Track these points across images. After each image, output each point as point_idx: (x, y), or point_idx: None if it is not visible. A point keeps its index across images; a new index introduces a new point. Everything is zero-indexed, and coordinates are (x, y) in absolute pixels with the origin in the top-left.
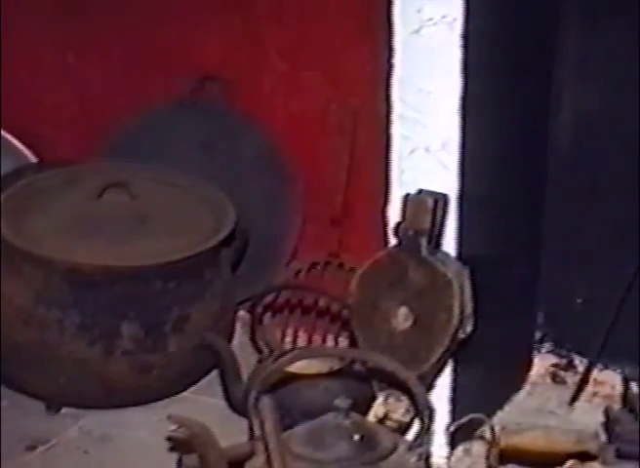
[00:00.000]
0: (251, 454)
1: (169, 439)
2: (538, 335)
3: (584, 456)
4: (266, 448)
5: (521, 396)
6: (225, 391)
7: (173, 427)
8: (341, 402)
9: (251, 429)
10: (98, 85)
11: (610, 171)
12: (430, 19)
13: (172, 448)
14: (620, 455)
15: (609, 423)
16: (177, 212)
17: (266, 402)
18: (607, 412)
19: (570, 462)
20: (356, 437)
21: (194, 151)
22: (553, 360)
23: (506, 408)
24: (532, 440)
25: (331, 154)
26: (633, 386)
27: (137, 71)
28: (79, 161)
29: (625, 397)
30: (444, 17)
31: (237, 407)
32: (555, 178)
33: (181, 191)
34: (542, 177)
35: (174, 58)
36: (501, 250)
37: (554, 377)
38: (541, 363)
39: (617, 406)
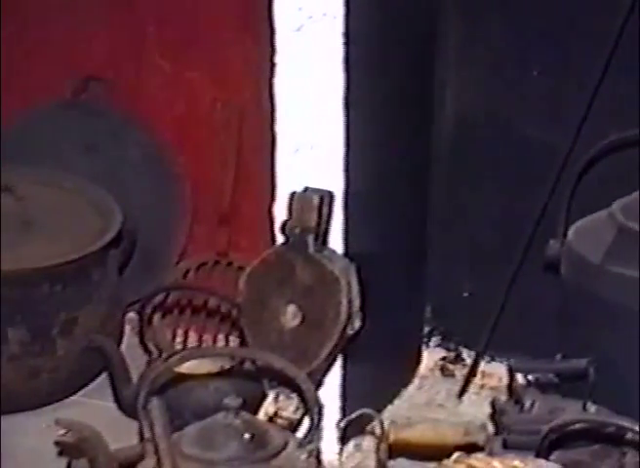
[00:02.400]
0: (141, 457)
1: (57, 443)
2: (426, 330)
3: (472, 448)
4: (156, 450)
5: (411, 390)
6: (115, 393)
7: (61, 431)
8: (231, 401)
9: (141, 431)
10: None
11: (492, 166)
12: (311, 17)
13: (61, 453)
14: (507, 446)
15: (495, 415)
16: (62, 214)
17: (156, 403)
18: (493, 404)
19: (456, 454)
20: (246, 436)
21: (79, 152)
22: (442, 353)
23: (396, 402)
24: (420, 433)
25: (217, 153)
26: (519, 377)
27: (19, 71)
28: None
29: (511, 388)
30: (325, 14)
31: (127, 409)
32: (439, 174)
33: (67, 193)
34: (427, 174)
35: (57, 58)
36: (388, 245)
37: (443, 371)
38: (430, 356)
39: (503, 397)
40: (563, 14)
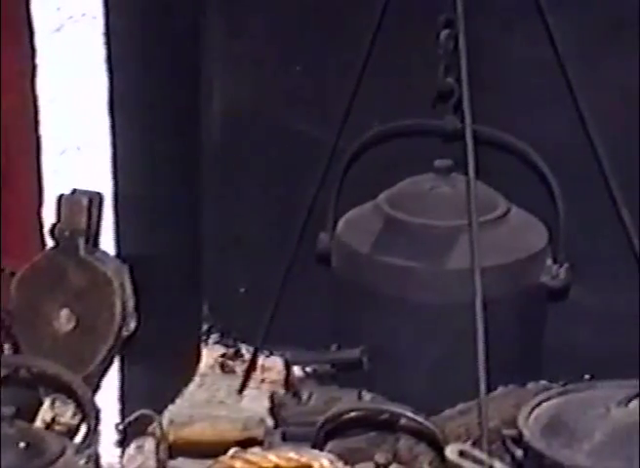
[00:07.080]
0: None
1: None
2: (204, 327)
3: (252, 442)
4: None
5: (191, 388)
6: None
7: None
8: (5, 410)
9: None
10: None
11: (262, 161)
12: (71, 17)
13: None
14: (286, 439)
15: (274, 408)
16: None
17: None
18: (272, 398)
19: (233, 450)
20: (22, 444)
21: None
22: (221, 350)
23: (177, 401)
24: (199, 431)
25: None
26: (296, 370)
27: None
28: None
29: (288, 381)
30: (84, 14)
31: None
32: (211, 171)
33: None
34: (198, 171)
35: None
36: (161, 245)
37: (223, 367)
38: (210, 354)
39: (282, 390)
40: (322, 9)
